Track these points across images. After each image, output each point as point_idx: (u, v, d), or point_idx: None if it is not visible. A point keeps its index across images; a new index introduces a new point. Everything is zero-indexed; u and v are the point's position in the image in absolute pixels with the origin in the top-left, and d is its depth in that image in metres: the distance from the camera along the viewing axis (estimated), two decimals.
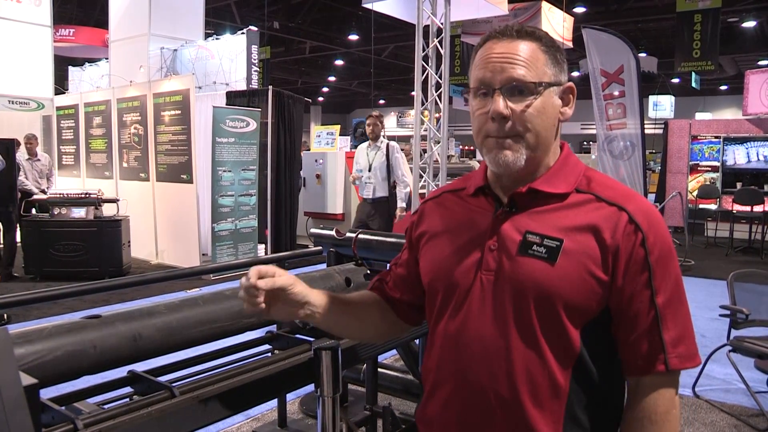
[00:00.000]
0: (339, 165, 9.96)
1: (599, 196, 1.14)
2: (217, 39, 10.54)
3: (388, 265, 1.48)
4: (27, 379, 1.17)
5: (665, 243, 1.12)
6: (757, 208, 10.36)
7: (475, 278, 1.17)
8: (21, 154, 8.74)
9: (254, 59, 10.02)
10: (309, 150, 10.89)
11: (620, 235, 1.09)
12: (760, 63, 19.96)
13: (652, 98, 21.96)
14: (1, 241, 6.78)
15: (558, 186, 1.16)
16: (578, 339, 1.10)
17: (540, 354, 1.10)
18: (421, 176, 8.41)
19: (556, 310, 1.09)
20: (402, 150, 7.16)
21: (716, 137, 12.03)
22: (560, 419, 1.10)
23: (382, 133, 6.89)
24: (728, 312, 3.92)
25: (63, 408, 1.42)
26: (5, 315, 1.19)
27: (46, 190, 8.83)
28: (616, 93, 11.22)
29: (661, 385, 1.11)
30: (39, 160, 8.91)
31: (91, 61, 13.28)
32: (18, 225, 7.59)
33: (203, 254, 8.26)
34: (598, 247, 1.09)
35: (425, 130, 8.37)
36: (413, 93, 8.22)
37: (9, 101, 10.56)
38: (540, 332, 1.10)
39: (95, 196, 7.78)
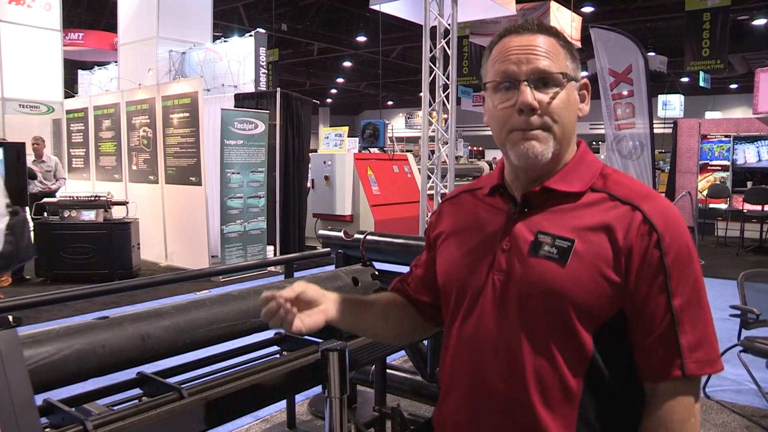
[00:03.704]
0: (347, 166, 9.97)
1: (613, 195, 1.11)
2: (225, 41, 10.57)
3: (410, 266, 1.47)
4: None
5: (683, 244, 1.07)
6: None
7: (487, 279, 1.15)
8: (29, 157, 8.79)
9: (262, 61, 10.04)
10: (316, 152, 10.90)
11: (633, 236, 1.06)
12: None
13: (661, 97, 21.83)
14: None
15: (573, 185, 1.13)
16: (591, 342, 1.07)
17: (550, 357, 1.07)
18: (429, 177, 8.41)
19: (566, 312, 1.06)
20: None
21: (726, 136, 11.96)
22: (573, 423, 1.08)
23: None
24: (739, 312, 3.89)
25: (73, 409, 1.43)
26: (10, 317, 1.19)
27: (54, 189, 8.89)
28: (625, 92, 11.17)
29: (679, 392, 1.06)
30: (44, 161, 8.96)
31: (100, 64, 13.35)
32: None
33: (213, 256, 8.28)
34: (611, 247, 1.06)
35: (433, 131, 8.36)
36: (421, 94, 8.22)
37: (19, 105, 10.63)
38: (550, 335, 1.08)
39: (105, 198, 7.82)
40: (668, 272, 1.05)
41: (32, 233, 7.70)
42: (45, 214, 8.35)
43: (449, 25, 8.07)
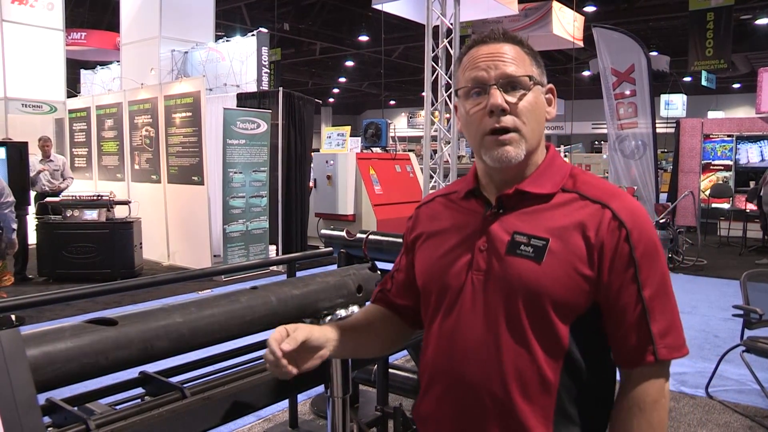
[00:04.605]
0: (350, 166, 9.97)
1: (583, 195, 1.18)
2: (227, 41, 10.58)
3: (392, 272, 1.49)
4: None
5: (650, 239, 1.14)
6: None
7: (466, 278, 1.20)
8: (35, 156, 8.79)
9: (264, 61, 10.04)
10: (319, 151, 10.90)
11: (604, 232, 1.13)
12: None
13: (663, 97, 21.80)
14: (16, 244, 6.83)
15: (544, 186, 1.20)
16: (567, 335, 1.13)
17: (529, 351, 1.13)
18: (431, 177, 8.41)
19: (544, 307, 1.12)
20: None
21: (729, 136, 11.94)
22: (551, 414, 1.13)
23: None
24: (741, 312, 3.89)
25: (75, 408, 1.43)
26: (13, 316, 1.20)
27: (63, 188, 8.90)
28: (627, 92, 11.17)
29: (651, 376, 1.14)
30: (52, 161, 8.96)
31: (103, 64, 13.36)
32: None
33: (215, 255, 8.29)
34: (584, 244, 1.13)
35: (435, 131, 8.37)
36: (423, 94, 8.22)
37: (22, 104, 10.65)
38: (529, 330, 1.13)
39: (107, 198, 7.82)
40: (638, 265, 1.12)
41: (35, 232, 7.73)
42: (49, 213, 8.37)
43: (451, 24, 8.07)
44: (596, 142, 29.26)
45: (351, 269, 2.28)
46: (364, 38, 20.53)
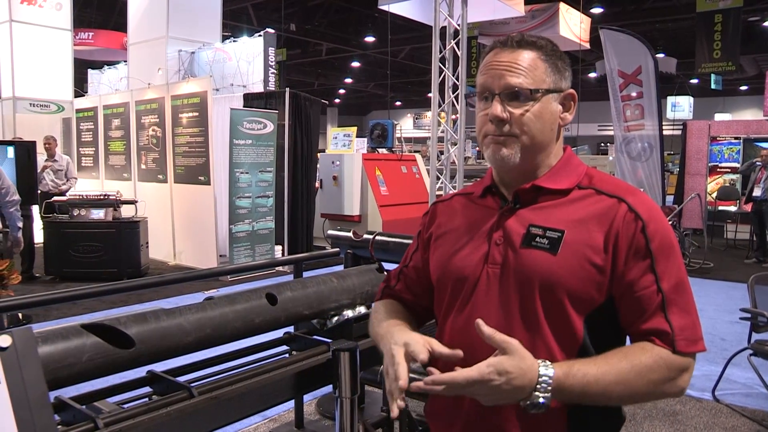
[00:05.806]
0: (356, 167, 9.97)
1: (600, 190, 1.20)
2: (234, 41, 10.59)
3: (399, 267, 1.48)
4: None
5: (666, 233, 1.15)
6: None
7: (481, 272, 1.21)
8: (42, 156, 8.81)
9: (271, 61, 10.05)
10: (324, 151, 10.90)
11: (620, 223, 1.13)
12: None
13: (670, 99, 21.74)
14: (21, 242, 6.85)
15: (560, 183, 1.22)
16: (582, 328, 1.14)
17: (544, 343, 1.13)
18: (438, 178, 8.41)
19: (559, 299, 1.13)
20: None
21: (736, 138, 11.89)
22: (564, 407, 1.12)
23: None
24: (749, 315, 3.87)
25: (83, 407, 1.43)
26: (20, 315, 1.20)
27: (65, 190, 8.91)
28: (634, 94, 11.14)
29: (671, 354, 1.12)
30: (56, 160, 8.98)
31: (110, 64, 13.40)
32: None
33: (221, 255, 8.30)
34: (599, 236, 1.14)
35: (442, 132, 8.36)
36: (430, 95, 8.22)
37: (30, 104, 10.70)
38: (544, 322, 1.13)
39: (114, 197, 7.85)
40: (654, 257, 1.12)
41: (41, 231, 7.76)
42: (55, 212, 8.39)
43: (459, 25, 8.06)
44: (602, 144, 29.15)
45: (366, 285, 2.22)
46: (370, 39, 20.53)
